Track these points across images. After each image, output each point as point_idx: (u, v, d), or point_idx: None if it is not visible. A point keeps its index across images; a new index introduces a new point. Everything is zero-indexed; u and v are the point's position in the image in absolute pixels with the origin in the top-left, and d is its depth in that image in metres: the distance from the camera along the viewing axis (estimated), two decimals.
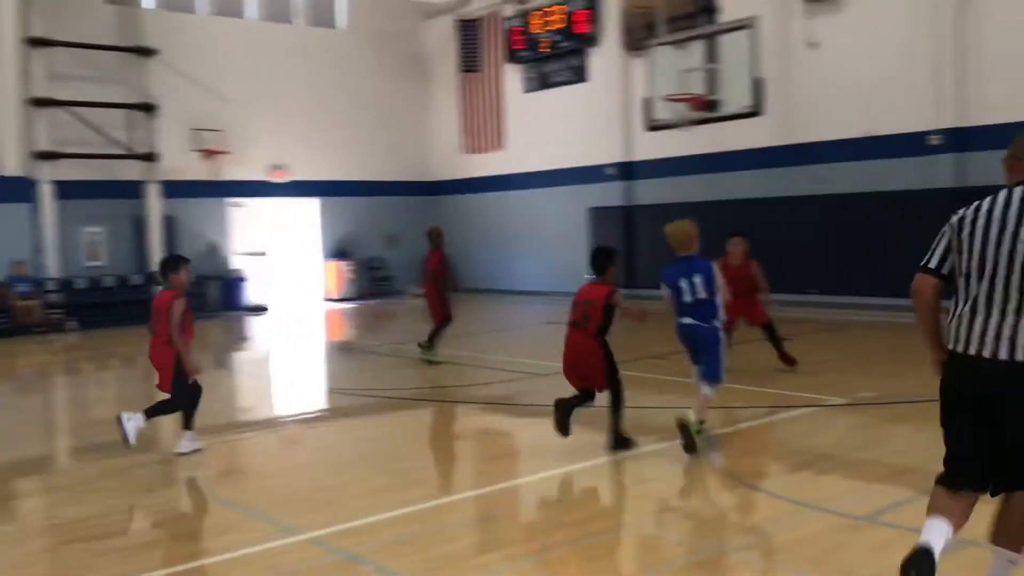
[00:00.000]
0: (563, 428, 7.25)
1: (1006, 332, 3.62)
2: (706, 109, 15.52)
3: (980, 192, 12.87)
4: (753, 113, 15.07)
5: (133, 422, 7.46)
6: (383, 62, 24.97)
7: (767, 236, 17.24)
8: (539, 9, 22.32)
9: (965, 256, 3.86)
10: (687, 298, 7.52)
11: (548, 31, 22.16)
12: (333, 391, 11.21)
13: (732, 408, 8.93)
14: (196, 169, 21.53)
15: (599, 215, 21.27)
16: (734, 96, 15.25)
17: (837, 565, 4.74)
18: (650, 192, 20.38)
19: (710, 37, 15.84)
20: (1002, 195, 3.90)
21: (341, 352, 15.59)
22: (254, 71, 22.59)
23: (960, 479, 3.89)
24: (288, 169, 23.31)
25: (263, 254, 23.34)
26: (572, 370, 7.49)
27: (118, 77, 20.55)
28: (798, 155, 17.49)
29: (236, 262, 22.53)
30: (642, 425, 8.64)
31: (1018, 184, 3.91)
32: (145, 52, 20.67)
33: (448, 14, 25.03)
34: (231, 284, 21.77)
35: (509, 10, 23.21)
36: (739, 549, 5.15)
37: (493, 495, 6.54)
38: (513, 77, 23.50)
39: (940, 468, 6.52)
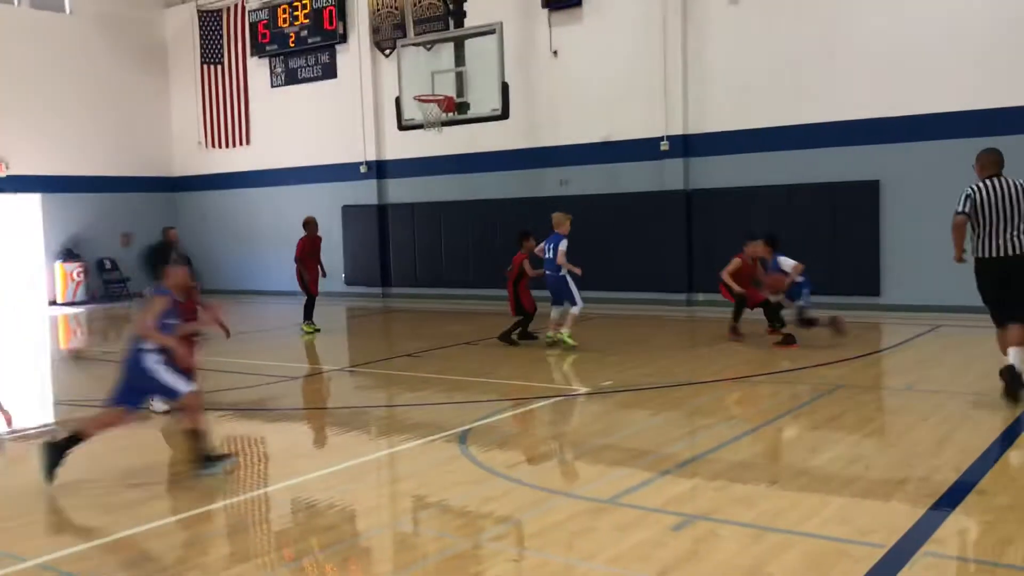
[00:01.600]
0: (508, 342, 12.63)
1: (1014, 241, 7.88)
2: (455, 111, 15.74)
3: (706, 193, 14.38)
4: (500, 116, 15.48)
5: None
6: (117, 50, 23.37)
7: (514, 235, 17.84)
8: (286, 3, 21.78)
9: (984, 210, 7.89)
10: (545, 255, 12.30)
11: (295, 26, 21.67)
12: (61, 403, 10.36)
13: (485, 401, 9.15)
14: None
15: (353, 213, 21.08)
16: (482, 99, 15.56)
17: (585, 548, 4.98)
18: (403, 191, 20.47)
19: (457, 40, 16.09)
20: (991, 182, 7.96)
21: (70, 360, 14.43)
22: None
23: (1005, 320, 7.99)
24: (6, 162, 21.28)
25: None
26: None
27: None
28: (543, 158, 18.22)
29: None
30: (396, 423, 8.67)
31: (991, 176, 8.01)
32: None
33: (189, 3, 23.86)
34: None
35: (254, 2, 22.47)
36: (493, 539, 5.28)
37: (244, 504, 6.31)
38: (259, 71, 22.78)
39: (672, 449, 7.08)
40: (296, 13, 21.63)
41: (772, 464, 6.49)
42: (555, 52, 17.81)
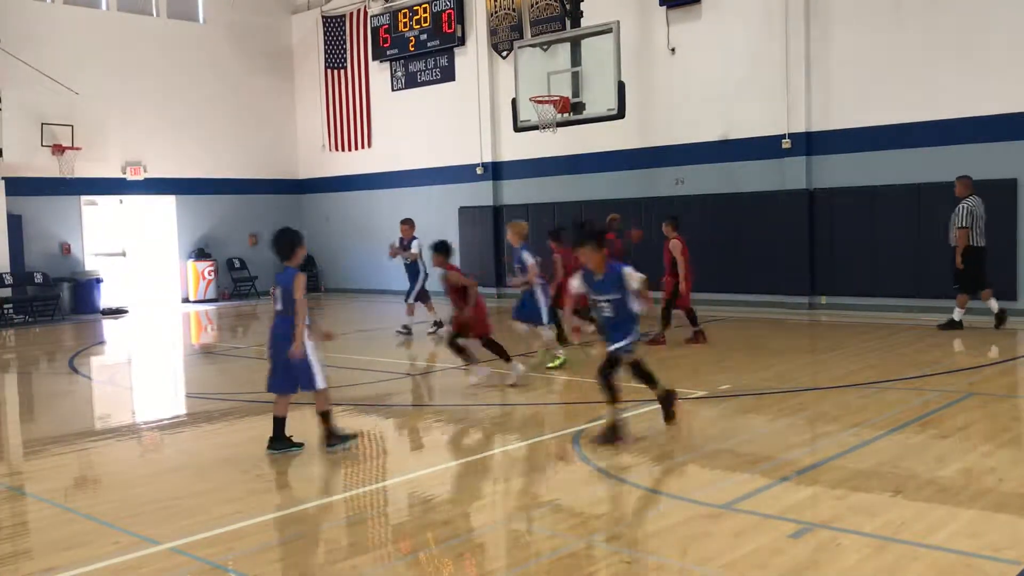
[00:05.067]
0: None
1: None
2: (571, 111, 15.74)
3: (829, 193, 14.11)
4: (615, 116, 15.40)
5: None
6: (246, 57, 24.33)
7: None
8: (406, 7, 22.22)
9: None
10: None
11: (415, 29, 22.09)
12: (193, 395, 10.85)
13: (599, 403, 9.12)
14: (45, 165, 20.45)
15: (469, 214, 21.35)
16: (597, 99, 15.51)
17: (699, 552, 4.92)
18: (518, 192, 20.60)
19: (574, 40, 16.09)
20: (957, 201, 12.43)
21: (201, 355, 15.10)
22: (109, 64, 21.63)
23: None
24: (145, 166, 22.43)
25: (122, 254, 22.40)
26: None
27: None
28: (658, 157, 18.03)
29: (91, 263, 21.51)
30: (510, 421, 8.73)
31: (961, 198, 12.64)
32: None
33: (313, 9, 24.63)
34: (86, 286, 20.73)
35: (376, 7, 23.02)
36: (606, 540, 5.26)
37: (362, 497, 6.48)
38: (380, 75, 23.31)
39: (791, 456, 6.90)
40: (416, 17, 22.05)
41: (897, 473, 6.25)
42: (672, 50, 17.60)
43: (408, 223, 15.64)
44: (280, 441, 7.50)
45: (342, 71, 24.08)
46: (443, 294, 10.61)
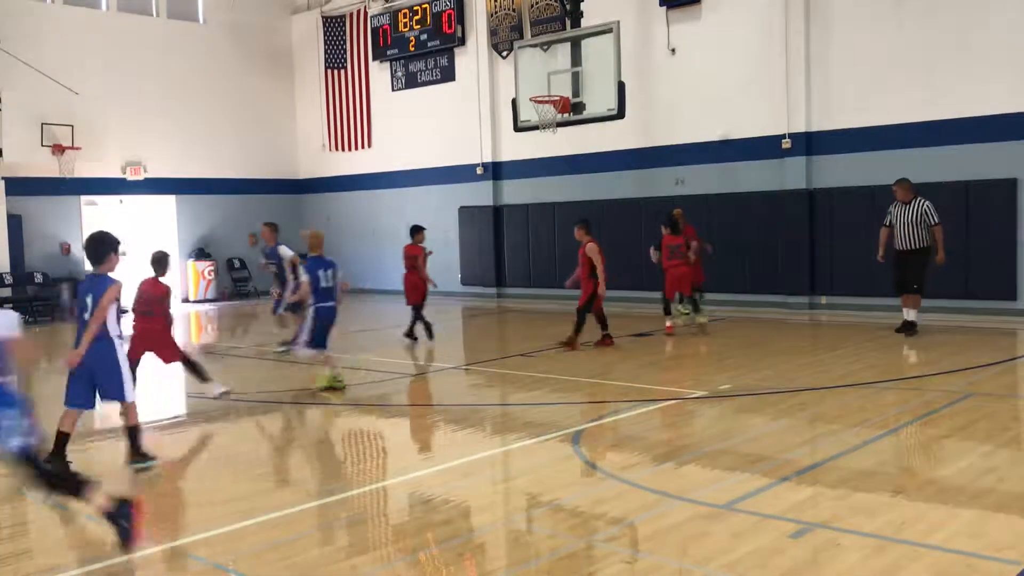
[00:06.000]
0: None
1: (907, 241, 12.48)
2: (571, 111, 15.73)
3: (828, 193, 14.22)
4: (616, 116, 15.39)
5: None
6: (246, 57, 24.32)
7: (628, 235, 17.73)
8: (406, 7, 22.22)
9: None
10: (323, 284, 10.05)
11: (415, 30, 22.09)
12: (193, 396, 10.84)
13: (599, 403, 9.12)
14: (45, 165, 20.43)
15: (469, 214, 21.34)
16: (598, 99, 15.50)
17: (699, 552, 4.91)
18: (518, 192, 20.60)
19: (574, 40, 16.07)
20: (903, 204, 12.57)
21: (201, 355, 15.07)
22: (109, 64, 21.61)
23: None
24: (145, 166, 22.42)
25: (123, 254, 22.40)
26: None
27: None
28: (658, 157, 18.03)
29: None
30: (510, 421, 8.73)
31: (907, 201, 12.53)
32: None
33: (313, 10, 24.63)
34: None
35: (376, 7, 23.01)
36: (606, 540, 5.26)
37: (362, 497, 6.48)
38: (380, 75, 23.31)
39: (791, 456, 6.91)
40: (416, 17, 22.04)
41: (897, 473, 6.25)
42: (672, 50, 17.59)
43: (270, 227, 13.77)
44: (58, 458, 6.56)
45: (342, 71, 24.07)
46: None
